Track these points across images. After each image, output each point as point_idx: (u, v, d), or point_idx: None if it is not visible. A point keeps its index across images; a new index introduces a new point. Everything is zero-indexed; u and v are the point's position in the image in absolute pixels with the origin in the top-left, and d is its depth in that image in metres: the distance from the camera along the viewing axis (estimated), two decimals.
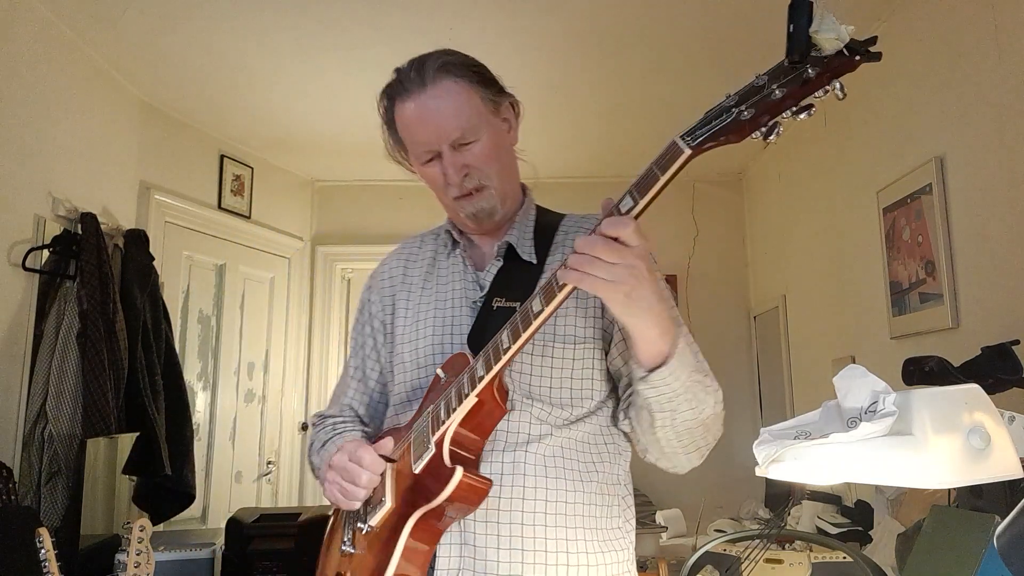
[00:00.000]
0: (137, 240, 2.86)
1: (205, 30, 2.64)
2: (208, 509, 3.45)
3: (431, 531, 1.03)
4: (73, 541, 2.29)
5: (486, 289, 1.17)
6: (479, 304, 1.16)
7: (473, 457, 1.04)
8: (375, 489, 1.08)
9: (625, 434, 1.15)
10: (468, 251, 1.24)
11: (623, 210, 0.86)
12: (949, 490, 1.28)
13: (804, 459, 0.99)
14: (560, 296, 0.91)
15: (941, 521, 1.20)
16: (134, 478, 2.78)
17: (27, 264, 2.37)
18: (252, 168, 3.86)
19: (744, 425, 3.95)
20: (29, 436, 2.32)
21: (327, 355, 4.29)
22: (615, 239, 0.86)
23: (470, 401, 1.00)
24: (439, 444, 1.01)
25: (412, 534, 1.01)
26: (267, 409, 3.94)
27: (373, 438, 1.18)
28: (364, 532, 1.08)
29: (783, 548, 1.97)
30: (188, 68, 2.95)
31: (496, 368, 0.97)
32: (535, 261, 1.18)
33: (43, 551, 1.66)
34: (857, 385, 0.99)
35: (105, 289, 2.51)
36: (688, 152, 0.80)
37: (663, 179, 0.82)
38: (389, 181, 4.28)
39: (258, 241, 3.91)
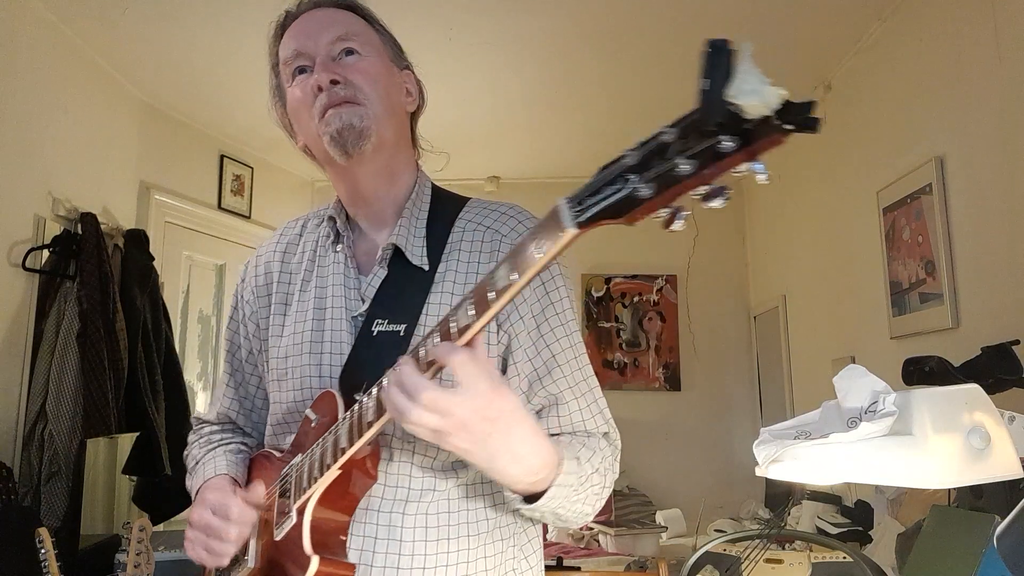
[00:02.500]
0: (137, 240, 2.86)
1: (205, 30, 2.64)
2: None
3: None
4: (73, 541, 2.29)
5: (366, 306, 0.97)
6: (360, 321, 0.97)
7: (342, 524, 0.89)
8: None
9: None
10: (355, 245, 1.03)
11: (500, 287, 0.68)
12: (949, 490, 1.28)
13: (804, 459, 0.99)
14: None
15: (941, 521, 1.20)
16: (134, 478, 2.78)
17: (27, 264, 2.37)
18: (252, 168, 3.86)
19: (744, 425, 3.95)
20: (29, 436, 2.32)
21: None
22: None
23: (332, 473, 0.85)
24: (300, 513, 0.87)
25: None
26: None
27: (254, 451, 1.07)
28: None
29: (783, 548, 1.97)
30: (188, 68, 2.95)
31: (359, 444, 0.81)
32: (427, 267, 0.97)
33: (43, 551, 1.66)
34: (857, 385, 0.99)
35: (105, 289, 2.51)
36: (574, 233, 0.62)
37: (539, 263, 0.65)
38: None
39: (258, 241, 3.86)
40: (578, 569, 2.17)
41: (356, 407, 0.83)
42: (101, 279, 2.51)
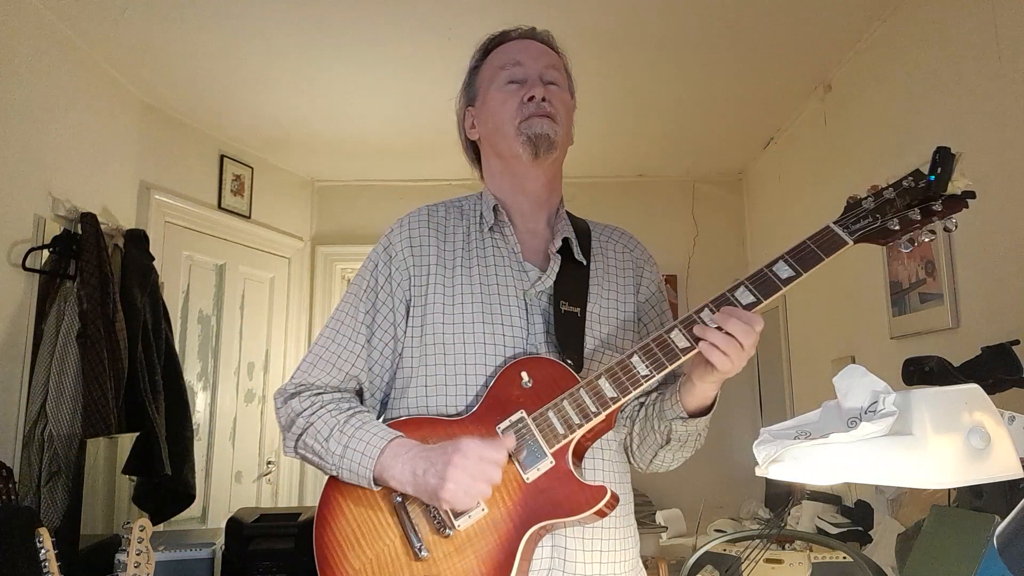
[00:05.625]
0: (137, 240, 2.86)
1: (205, 30, 2.64)
2: (208, 509, 3.45)
3: (538, 539, 1.06)
4: (73, 541, 2.29)
5: (547, 286, 1.17)
6: (537, 301, 1.17)
7: (580, 464, 1.10)
8: None
9: None
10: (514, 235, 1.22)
11: (784, 277, 1.06)
12: (949, 490, 1.28)
13: (804, 459, 0.99)
14: (695, 349, 1.03)
15: (941, 521, 1.20)
16: (134, 478, 2.78)
17: (27, 264, 2.37)
18: (252, 168, 3.86)
19: (744, 425, 3.95)
20: (29, 436, 2.32)
21: None
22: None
23: (598, 420, 1.04)
24: (559, 457, 1.04)
25: (527, 545, 1.03)
26: (267, 409, 3.93)
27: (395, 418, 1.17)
28: (447, 536, 1.03)
29: (783, 548, 1.97)
30: (188, 68, 2.95)
31: (633, 394, 1.03)
32: (585, 262, 1.22)
33: (43, 551, 1.66)
34: (857, 385, 0.99)
35: (105, 289, 2.51)
36: (850, 244, 1.03)
37: (825, 262, 1.03)
38: (389, 181, 4.28)
39: (258, 241, 3.91)
40: None
41: (615, 366, 1.05)
42: (101, 279, 2.51)
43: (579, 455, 1.09)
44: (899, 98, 2.42)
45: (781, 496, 3.11)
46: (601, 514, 1.03)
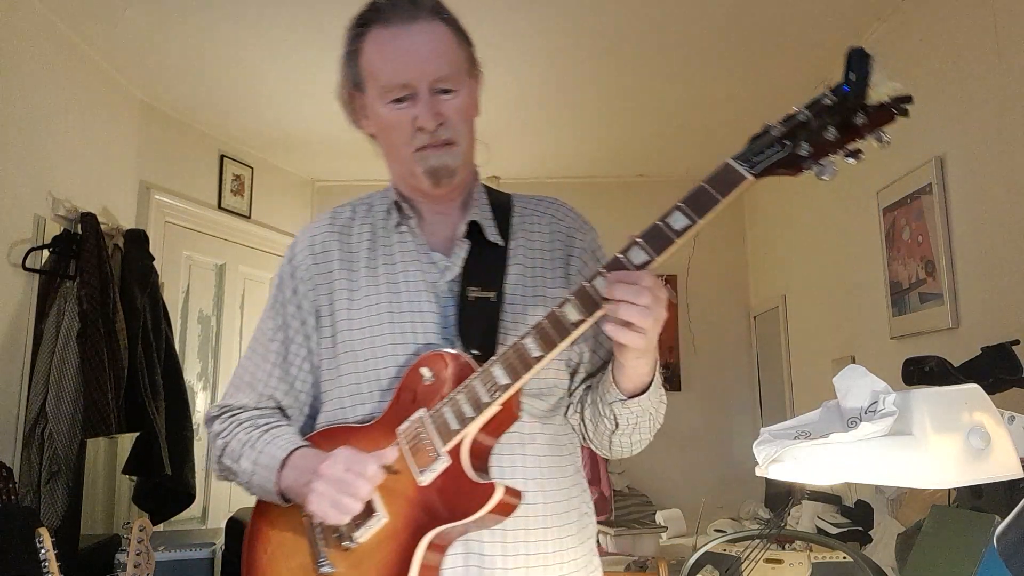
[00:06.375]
0: (137, 240, 2.86)
1: (205, 30, 2.64)
2: (208, 509, 3.45)
3: (443, 544, 0.98)
4: (73, 541, 2.29)
5: (455, 274, 1.08)
6: (448, 291, 1.08)
7: (483, 466, 0.99)
8: None
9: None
10: (420, 227, 1.14)
11: (678, 227, 0.90)
12: (949, 490, 1.28)
13: (804, 459, 0.99)
14: (598, 313, 0.91)
15: (941, 521, 1.20)
16: (134, 478, 2.78)
17: (27, 264, 2.37)
18: (252, 168, 3.86)
19: (744, 425, 3.95)
20: (29, 436, 2.32)
21: None
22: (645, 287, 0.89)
23: (491, 410, 0.94)
24: (454, 455, 0.95)
25: (428, 554, 0.95)
26: None
27: (305, 435, 1.10)
28: (349, 549, 0.98)
29: (783, 548, 1.97)
30: (188, 68, 2.95)
31: (524, 379, 0.93)
32: (501, 243, 1.11)
33: (43, 551, 1.66)
34: (857, 385, 0.99)
35: (105, 289, 2.51)
36: (750, 179, 0.87)
37: (723, 202, 0.88)
38: (389, 181, 4.28)
39: (258, 241, 3.91)
40: None
41: (508, 351, 0.94)
42: (101, 279, 2.51)
43: (482, 452, 0.99)
44: None
45: (781, 496, 3.11)
46: (502, 513, 0.94)
